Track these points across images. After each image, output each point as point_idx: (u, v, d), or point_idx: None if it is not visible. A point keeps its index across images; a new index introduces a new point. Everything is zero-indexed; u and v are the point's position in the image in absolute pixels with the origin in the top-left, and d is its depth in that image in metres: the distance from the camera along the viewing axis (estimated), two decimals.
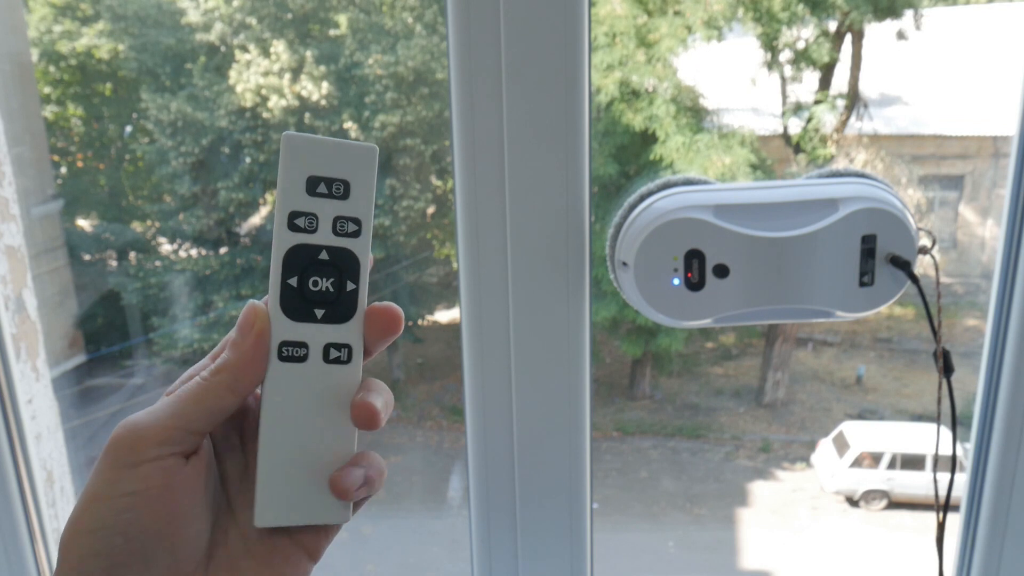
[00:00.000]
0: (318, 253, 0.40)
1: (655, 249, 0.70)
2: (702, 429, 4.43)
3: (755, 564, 3.77)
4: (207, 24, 3.96)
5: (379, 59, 3.89)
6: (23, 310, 0.97)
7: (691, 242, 0.69)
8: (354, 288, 0.41)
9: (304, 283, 0.40)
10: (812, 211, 0.70)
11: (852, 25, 3.92)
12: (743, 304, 0.71)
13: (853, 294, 0.70)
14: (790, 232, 0.69)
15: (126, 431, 0.38)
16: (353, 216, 0.40)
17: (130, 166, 4.32)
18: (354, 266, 0.41)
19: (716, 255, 0.69)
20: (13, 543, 0.94)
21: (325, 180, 0.40)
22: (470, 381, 0.84)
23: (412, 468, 4.28)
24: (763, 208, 0.70)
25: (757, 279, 0.70)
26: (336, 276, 0.40)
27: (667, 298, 0.71)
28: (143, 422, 0.38)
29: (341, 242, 0.40)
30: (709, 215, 0.69)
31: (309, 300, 0.40)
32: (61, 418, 1.07)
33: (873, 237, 0.69)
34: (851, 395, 4.51)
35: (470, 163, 0.77)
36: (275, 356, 0.40)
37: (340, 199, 0.40)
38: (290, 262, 0.40)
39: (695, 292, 0.70)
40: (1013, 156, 0.80)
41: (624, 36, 3.79)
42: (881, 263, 0.69)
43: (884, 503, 3.87)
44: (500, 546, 0.89)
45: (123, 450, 0.37)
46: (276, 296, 0.40)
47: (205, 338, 4.03)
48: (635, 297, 0.72)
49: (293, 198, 0.40)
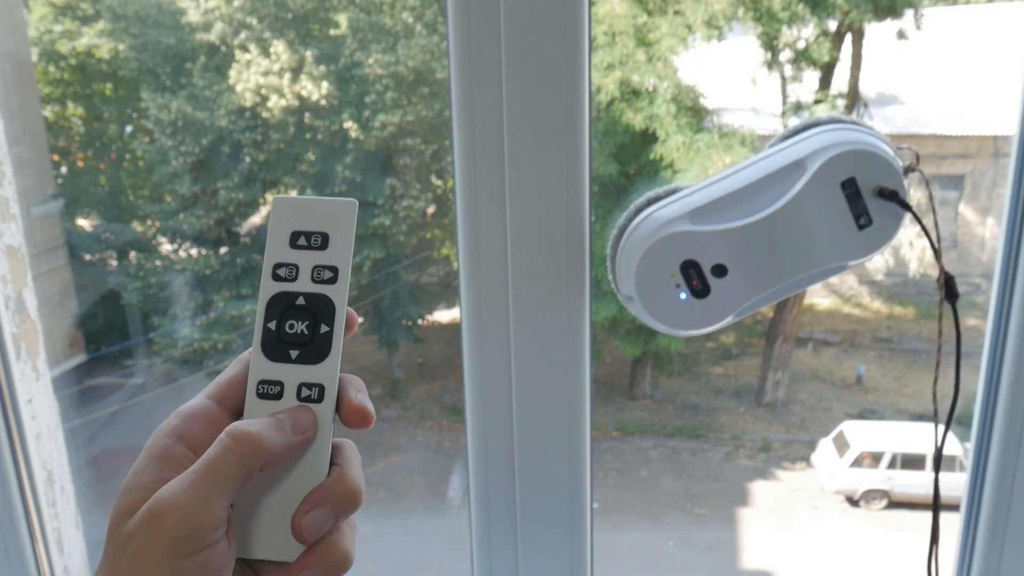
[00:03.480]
0: (296, 299, 0.44)
1: (650, 275, 0.70)
2: (702, 429, 4.43)
3: (755, 564, 3.77)
4: (207, 24, 3.96)
5: (379, 59, 3.89)
6: (23, 310, 0.97)
7: (681, 255, 0.69)
8: (328, 331, 0.43)
9: (281, 326, 0.43)
10: (781, 180, 0.69)
11: (852, 25, 3.92)
12: (753, 293, 0.70)
13: (855, 240, 0.69)
14: (768, 209, 0.68)
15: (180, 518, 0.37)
16: (330, 264, 0.44)
17: (130, 166, 4.32)
18: (329, 310, 0.43)
19: (709, 258, 0.69)
20: (13, 543, 0.94)
21: (305, 234, 0.44)
22: (470, 381, 0.84)
23: (412, 468, 4.28)
24: (735, 196, 0.69)
25: (756, 265, 0.69)
26: (311, 319, 0.43)
27: (682, 313, 0.71)
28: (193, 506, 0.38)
29: (318, 288, 0.44)
30: (686, 224, 0.69)
31: (285, 342, 0.43)
32: (61, 418, 1.07)
33: (853, 180, 0.67)
34: (851, 395, 4.51)
35: (470, 163, 0.77)
36: (253, 393, 0.43)
37: (319, 249, 0.44)
38: (271, 308, 0.43)
39: (704, 299, 0.70)
40: (1013, 156, 0.80)
41: (624, 35, 3.79)
42: (871, 200, 0.68)
43: (884, 503, 3.86)
44: (500, 546, 0.89)
45: (180, 540, 0.37)
46: (258, 339, 0.43)
47: (205, 338, 4.03)
48: (653, 323, 0.73)
49: (277, 251, 0.44)
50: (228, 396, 0.43)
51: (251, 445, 0.39)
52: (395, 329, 4.41)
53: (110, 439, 3.85)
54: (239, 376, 0.44)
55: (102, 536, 0.40)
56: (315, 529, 0.41)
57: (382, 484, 4.03)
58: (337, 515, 0.42)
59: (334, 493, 0.41)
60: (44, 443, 1.00)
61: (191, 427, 0.41)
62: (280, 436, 0.40)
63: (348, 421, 0.43)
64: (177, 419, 0.42)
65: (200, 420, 0.41)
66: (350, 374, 0.45)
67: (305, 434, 0.42)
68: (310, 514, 0.41)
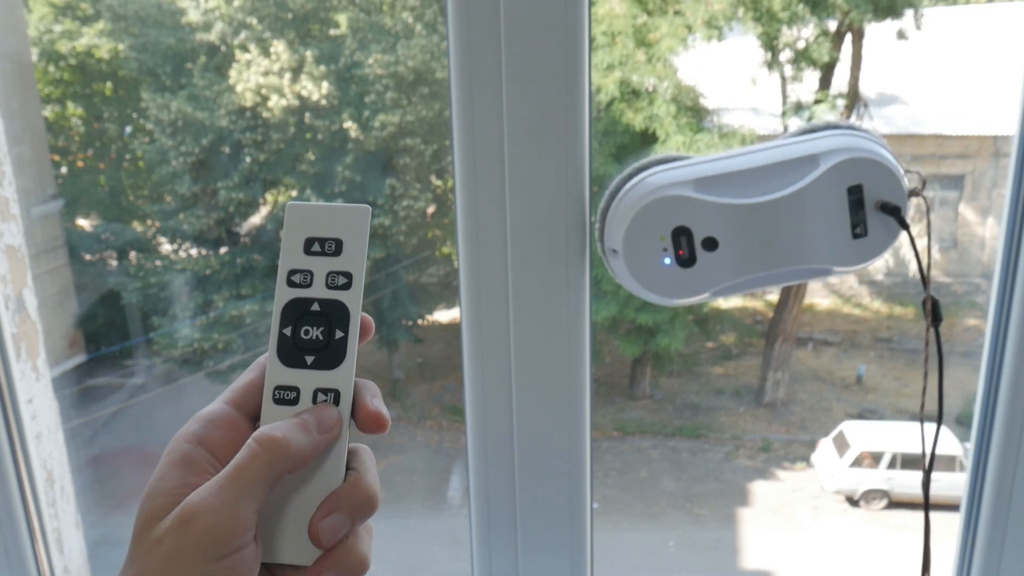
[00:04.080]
0: (311, 305, 0.44)
1: (641, 232, 0.69)
2: (702, 429, 4.43)
3: (755, 564, 3.77)
4: (207, 24, 3.96)
5: (379, 59, 3.89)
6: (23, 310, 0.97)
7: (676, 219, 0.68)
8: (343, 336, 0.44)
9: (297, 332, 0.43)
10: (793, 170, 0.68)
11: (852, 25, 3.92)
12: (737, 274, 0.70)
13: (847, 247, 0.69)
14: (774, 195, 0.68)
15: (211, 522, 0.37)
16: (344, 270, 0.44)
17: (130, 166, 4.32)
18: (343, 316, 0.44)
19: (703, 229, 0.68)
20: (13, 543, 0.94)
21: (320, 240, 0.44)
22: (470, 381, 0.84)
23: (412, 468, 4.28)
24: (743, 175, 0.69)
25: (748, 247, 0.69)
26: (326, 325, 0.43)
27: (661, 278, 0.70)
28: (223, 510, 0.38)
29: (332, 294, 0.44)
30: (690, 190, 0.68)
31: (300, 348, 0.43)
32: (61, 418, 1.07)
33: (859, 188, 0.67)
34: (851, 395, 4.51)
35: (470, 163, 0.77)
36: (270, 399, 0.43)
37: (333, 256, 0.44)
38: (286, 314, 0.44)
39: (687, 268, 0.69)
40: (1013, 156, 0.80)
41: (624, 35, 3.79)
42: (872, 212, 0.68)
43: (884, 503, 3.86)
44: (500, 546, 0.89)
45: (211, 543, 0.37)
46: (274, 345, 0.43)
47: (205, 338, 4.02)
48: (629, 282, 0.72)
49: (292, 258, 0.44)
50: (246, 401, 0.44)
51: (279, 450, 0.40)
52: (395, 329, 4.41)
53: (110, 439, 3.85)
54: (256, 381, 0.44)
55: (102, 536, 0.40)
56: (332, 534, 0.41)
57: (382, 484, 4.01)
58: (353, 520, 0.42)
59: (351, 498, 0.42)
60: (44, 443, 1.00)
61: (211, 432, 0.41)
62: (306, 437, 0.41)
63: (363, 426, 0.43)
64: (197, 424, 0.42)
65: (220, 425, 0.42)
66: (364, 379, 0.45)
67: (331, 432, 0.42)
68: (327, 519, 0.41)
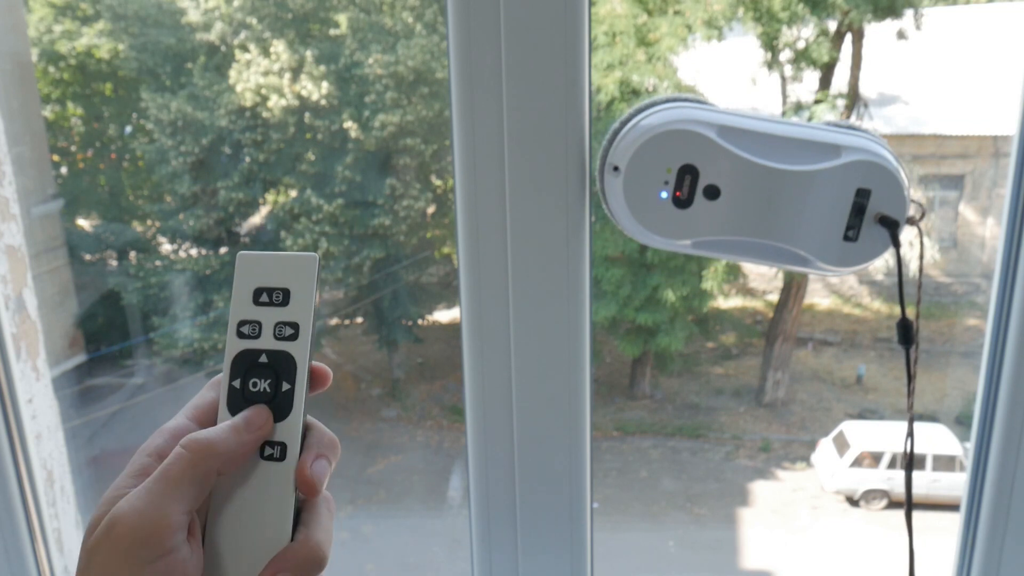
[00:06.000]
0: (258, 357, 0.43)
1: (651, 156, 0.69)
2: (702, 429, 4.43)
3: (755, 564, 3.77)
4: (207, 24, 3.96)
5: (379, 59, 3.89)
6: (23, 310, 0.97)
7: (688, 156, 0.68)
8: (289, 388, 0.43)
9: (245, 384, 0.43)
10: (815, 152, 0.69)
11: (852, 25, 3.92)
12: (726, 231, 0.70)
13: (835, 246, 0.69)
14: (789, 166, 0.68)
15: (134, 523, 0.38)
16: (291, 321, 0.44)
17: (130, 166, 4.32)
18: (290, 367, 0.44)
19: (710, 175, 0.68)
20: (13, 543, 0.94)
21: (267, 290, 0.44)
22: (470, 381, 0.84)
23: (412, 468, 4.28)
24: (767, 138, 0.69)
25: (746, 207, 0.69)
26: (273, 377, 0.43)
27: (651, 210, 0.70)
28: (148, 512, 0.38)
29: (280, 345, 0.44)
30: (712, 132, 0.68)
31: (248, 400, 0.43)
32: (61, 418, 1.07)
33: (868, 192, 0.68)
34: (851, 395, 4.51)
35: (470, 163, 0.77)
36: None
37: (280, 306, 0.44)
38: (236, 366, 0.44)
39: (681, 209, 0.69)
40: (1013, 156, 0.80)
41: (624, 35, 3.79)
42: (869, 221, 0.68)
43: (884, 503, 3.87)
44: (500, 546, 0.89)
45: (137, 546, 0.38)
46: (224, 397, 0.44)
47: (205, 338, 4.03)
48: (619, 205, 0.71)
49: (241, 308, 0.44)
50: (209, 417, 0.44)
51: (203, 449, 0.40)
52: (395, 329, 4.41)
53: (110, 439, 3.85)
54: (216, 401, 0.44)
55: None
56: None
57: (382, 484, 4.02)
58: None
59: (297, 559, 0.42)
60: (44, 443, 1.00)
61: (169, 445, 0.42)
62: (234, 436, 0.41)
63: (298, 487, 0.43)
64: (160, 438, 0.43)
65: (178, 439, 0.42)
66: (325, 433, 0.44)
67: (259, 431, 0.42)
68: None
